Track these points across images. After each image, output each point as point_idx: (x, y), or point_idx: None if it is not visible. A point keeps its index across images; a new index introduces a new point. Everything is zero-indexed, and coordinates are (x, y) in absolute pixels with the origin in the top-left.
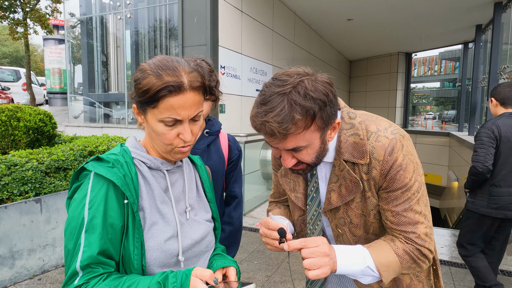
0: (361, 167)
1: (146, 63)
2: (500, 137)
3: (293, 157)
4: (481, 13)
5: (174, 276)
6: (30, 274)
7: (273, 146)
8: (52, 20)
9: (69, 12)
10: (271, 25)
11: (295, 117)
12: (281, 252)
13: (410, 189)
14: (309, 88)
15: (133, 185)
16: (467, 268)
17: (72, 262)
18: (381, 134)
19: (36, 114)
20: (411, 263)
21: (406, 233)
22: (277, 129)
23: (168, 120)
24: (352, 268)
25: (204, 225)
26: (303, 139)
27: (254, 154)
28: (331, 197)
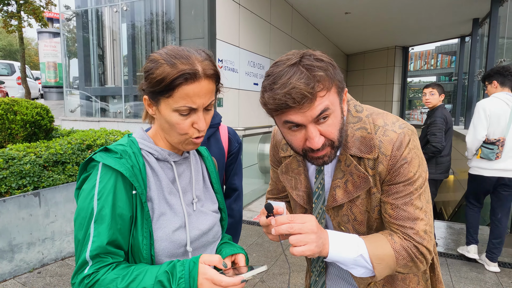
0: (367, 162)
1: (156, 53)
2: (447, 122)
3: (321, 135)
4: (478, 6)
5: (181, 265)
6: (30, 268)
7: (299, 121)
8: (46, 13)
9: (64, 5)
10: (269, 18)
11: (317, 74)
12: (279, 245)
13: (414, 183)
14: (315, 55)
15: (141, 176)
16: (462, 259)
17: (82, 252)
18: (388, 128)
19: (33, 108)
20: (408, 260)
21: (404, 228)
22: (305, 89)
23: (183, 109)
24: (344, 255)
25: (211, 216)
26: (329, 100)
27: (252, 148)
28: (336, 193)
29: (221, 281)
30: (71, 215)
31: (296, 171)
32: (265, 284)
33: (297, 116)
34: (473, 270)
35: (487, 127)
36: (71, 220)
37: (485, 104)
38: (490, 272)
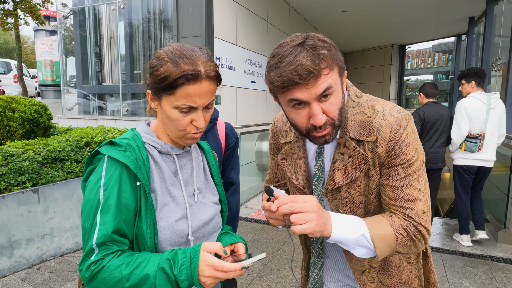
0: (366, 144)
1: (162, 50)
2: (425, 118)
3: (323, 112)
4: (474, 5)
5: (183, 252)
6: (29, 263)
7: (304, 98)
8: (43, 11)
9: (61, 3)
10: (266, 16)
11: (321, 53)
12: (277, 241)
13: (412, 165)
14: (318, 37)
15: (145, 168)
16: (457, 254)
17: (89, 240)
18: (387, 113)
19: (31, 105)
20: (407, 239)
21: (404, 209)
22: (311, 66)
23: (184, 107)
24: (346, 235)
25: (212, 207)
26: (331, 79)
27: (249, 146)
28: (335, 176)
29: (223, 266)
30: (69, 212)
31: (296, 155)
32: (263, 279)
33: (302, 93)
34: (468, 265)
35: (468, 124)
36: (70, 217)
37: (466, 104)
38: (484, 267)
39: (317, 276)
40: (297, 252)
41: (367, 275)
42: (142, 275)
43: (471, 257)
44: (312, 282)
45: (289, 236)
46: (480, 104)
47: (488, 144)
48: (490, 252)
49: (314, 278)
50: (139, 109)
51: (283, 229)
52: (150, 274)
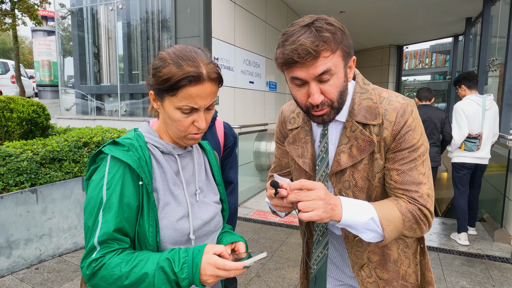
0: (372, 128)
1: (165, 51)
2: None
3: (321, 93)
4: (471, 5)
5: (185, 251)
6: (27, 264)
7: (303, 78)
8: (41, 11)
9: (59, 3)
10: (264, 17)
11: (323, 36)
12: (275, 241)
13: (417, 150)
14: (328, 20)
15: (147, 167)
16: (454, 253)
17: (91, 237)
18: (392, 99)
19: (29, 106)
20: (413, 222)
21: (410, 192)
22: (310, 46)
23: (186, 108)
24: (356, 218)
25: (213, 206)
26: (332, 62)
27: (247, 146)
28: (340, 158)
29: (225, 265)
30: (68, 212)
31: (303, 140)
32: (261, 279)
33: (302, 72)
34: (465, 264)
35: (468, 125)
36: (68, 217)
37: (463, 106)
38: (481, 266)
39: (321, 254)
40: (295, 252)
41: (365, 270)
42: (141, 274)
43: (468, 256)
44: (316, 259)
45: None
46: (475, 106)
47: (484, 143)
48: (487, 251)
49: (318, 255)
50: (137, 109)
51: (281, 229)
52: (149, 273)
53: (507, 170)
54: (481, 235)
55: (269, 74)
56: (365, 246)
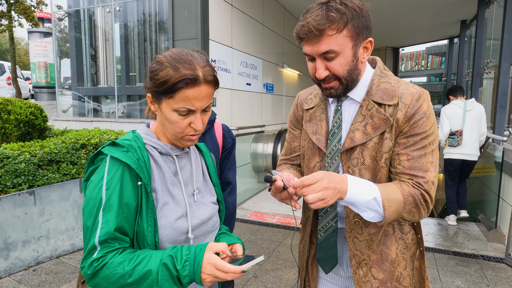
0: (387, 108)
1: (162, 55)
2: None
3: (326, 69)
4: (466, 8)
5: (187, 249)
6: (25, 265)
7: (309, 53)
8: (37, 12)
9: (56, 5)
10: (261, 19)
11: (330, 15)
12: (272, 242)
13: (428, 137)
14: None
15: (146, 168)
16: (449, 254)
17: (91, 237)
18: (410, 86)
19: (26, 107)
20: (413, 206)
21: (416, 178)
22: (313, 25)
23: (182, 110)
24: (359, 197)
25: (210, 206)
26: (336, 42)
27: (244, 147)
28: (354, 135)
29: (224, 266)
30: (65, 214)
31: (319, 117)
32: (258, 280)
33: (308, 48)
34: (459, 264)
35: (449, 124)
36: (66, 219)
37: (445, 109)
38: (476, 266)
39: (328, 224)
40: (289, 254)
41: (363, 269)
42: (144, 271)
43: (463, 257)
44: (323, 227)
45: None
46: (457, 108)
47: (468, 140)
48: (482, 252)
49: (325, 225)
50: (135, 111)
51: (278, 230)
52: (153, 270)
53: (501, 171)
54: (476, 235)
55: (266, 76)
56: (364, 234)
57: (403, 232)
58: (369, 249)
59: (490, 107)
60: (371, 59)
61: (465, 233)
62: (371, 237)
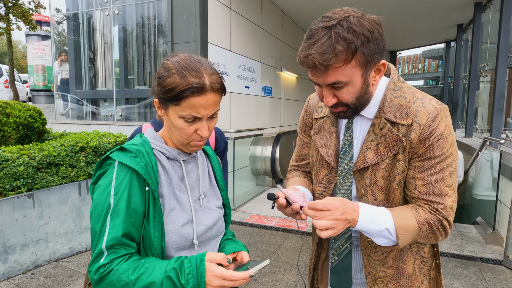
0: (400, 128)
1: (169, 61)
2: None
3: (334, 96)
4: (462, 12)
5: (189, 261)
6: (23, 269)
7: (315, 82)
8: (35, 15)
9: (55, 8)
10: (260, 22)
11: (336, 48)
12: (271, 244)
13: (446, 160)
14: (353, 23)
15: (154, 173)
16: (448, 256)
17: (99, 242)
18: (426, 102)
19: (25, 110)
20: (428, 232)
21: (433, 203)
22: (318, 60)
23: (189, 117)
24: (371, 226)
25: (216, 211)
26: (344, 74)
27: (243, 151)
28: (366, 155)
29: (232, 276)
30: (64, 217)
31: (329, 130)
32: (258, 283)
33: (313, 78)
34: (458, 266)
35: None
36: (65, 222)
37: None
38: (474, 268)
39: (342, 246)
40: (292, 256)
41: (379, 284)
42: (148, 282)
43: (461, 259)
44: (336, 250)
45: (299, 232)
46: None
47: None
48: (480, 254)
49: (339, 247)
50: (133, 114)
51: (277, 233)
52: (156, 282)
53: (499, 173)
54: (474, 237)
55: (265, 79)
56: (379, 253)
57: (420, 247)
58: (385, 266)
59: (487, 110)
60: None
61: (463, 236)
62: (386, 255)
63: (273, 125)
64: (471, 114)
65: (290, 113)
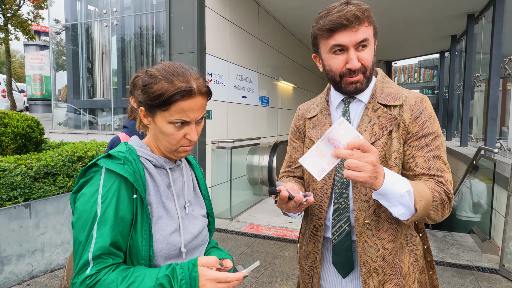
0: (392, 109)
1: (154, 68)
2: None
3: (358, 60)
4: (456, 24)
5: (180, 267)
6: (19, 280)
7: (345, 43)
8: (34, 26)
9: (54, 19)
10: (257, 33)
11: (364, 8)
12: (268, 254)
13: (438, 138)
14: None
15: (142, 181)
16: (445, 265)
17: (84, 252)
18: (412, 91)
19: (23, 120)
20: (438, 203)
21: (437, 177)
22: (358, 11)
23: (178, 122)
24: (394, 188)
25: (201, 220)
26: (369, 33)
27: (240, 160)
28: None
29: (227, 277)
30: (61, 227)
31: (323, 123)
32: None
33: (344, 38)
34: (455, 276)
35: None
36: (61, 232)
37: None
38: (470, 277)
39: (341, 227)
40: (289, 265)
41: (374, 281)
42: None
43: (458, 268)
44: (336, 231)
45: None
46: None
47: None
48: (476, 263)
49: (339, 228)
50: None
51: (275, 242)
52: None
53: (493, 183)
54: (470, 246)
55: (262, 89)
56: (374, 238)
57: (414, 244)
58: (384, 261)
59: (481, 120)
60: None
61: (459, 245)
62: (382, 243)
63: (270, 134)
64: (466, 124)
65: (287, 123)
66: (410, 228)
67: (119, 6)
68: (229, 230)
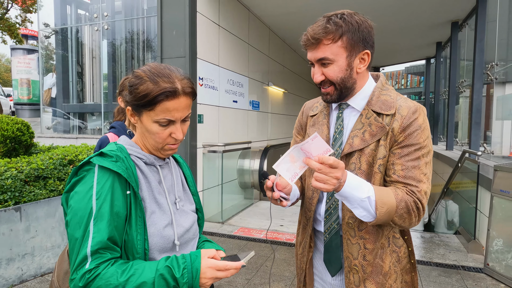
0: (384, 117)
1: (140, 69)
2: None
3: (322, 74)
4: (440, 31)
5: (183, 257)
6: (8, 284)
7: (309, 59)
8: (21, 29)
9: (44, 23)
10: (247, 39)
11: (327, 27)
12: (260, 256)
13: (422, 149)
14: (346, 14)
15: (134, 177)
16: (432, 265)
17: (82, 248)
18: (408, 100)
19: (13, 124)
20: (404, 211)
21: (410, 186)
22: (311, 34)
23: (163, 121)
24: (355, 193)
25: (191, 214)
26: (331, 51)
27: (231, 164)
28: (353, 141)
29: (226, 265)
30: (51, 230)
31: (321, 122)
32: None
33: (308, 54)
34: (441, 275)
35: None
36: (52, 235)
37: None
38: (456, 276)
39: (331, 226)
40: (280, 267)
41: (354, 276)
42: (139, 282)
43: (444, 267)
44: (328, 229)
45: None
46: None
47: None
48: (462, 262)
49: (329, 227)
50: None
51: (266, 245)
52: (148, 282)
53: (477, 184)
54: (456, 247)
55: (252, 94)
56: (357, 237)
57: (397, 246)
58: (365, 260)
59: (466, 124)
60: (375, 75)
61: (446, 245)
62: (364, 242)
63: (260, 138)
64: (451, 128)
65: (277, 127)
66: (393, 230)
67: (110, 11)
68: (220, 234)
